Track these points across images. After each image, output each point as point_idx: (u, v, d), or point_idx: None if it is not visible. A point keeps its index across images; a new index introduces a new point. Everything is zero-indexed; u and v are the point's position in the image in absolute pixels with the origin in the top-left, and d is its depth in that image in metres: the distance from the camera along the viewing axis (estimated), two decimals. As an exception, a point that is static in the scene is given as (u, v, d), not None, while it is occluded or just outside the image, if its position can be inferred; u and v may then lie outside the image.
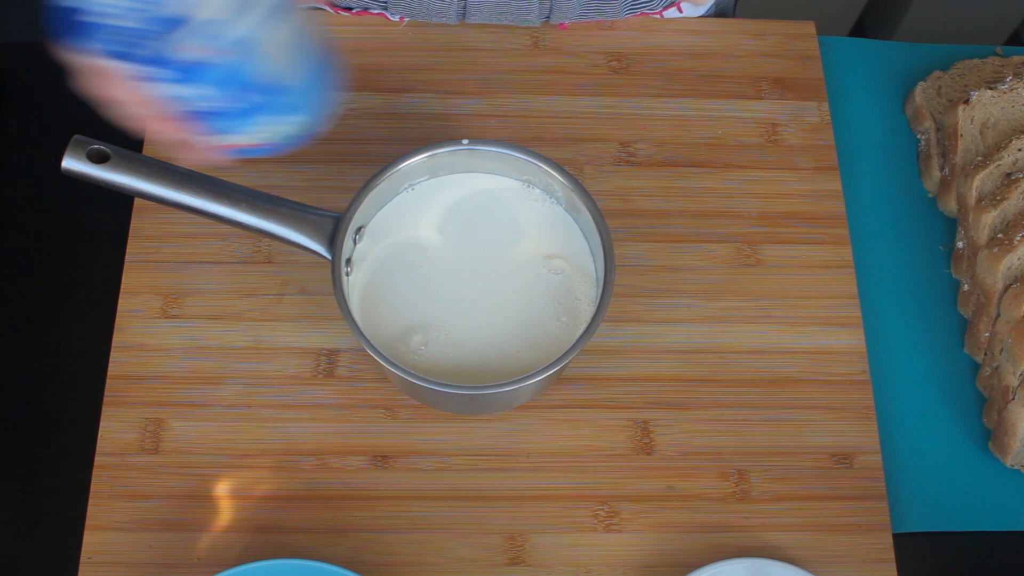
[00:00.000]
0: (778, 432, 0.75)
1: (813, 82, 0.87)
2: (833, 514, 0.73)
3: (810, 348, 0.78)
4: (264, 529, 0.71)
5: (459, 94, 0.84)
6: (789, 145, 0.84)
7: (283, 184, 0.80)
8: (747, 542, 0.72)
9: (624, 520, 0.72)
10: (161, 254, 0.78)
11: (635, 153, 0.83)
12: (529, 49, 0.86)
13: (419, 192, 0.73)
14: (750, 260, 0.80)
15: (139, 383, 0.74)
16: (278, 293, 0.77)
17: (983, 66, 0.88)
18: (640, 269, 0.79)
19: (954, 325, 0.81)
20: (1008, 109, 0.84)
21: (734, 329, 0.78)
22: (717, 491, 0.73)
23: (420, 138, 0.81)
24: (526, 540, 0.72)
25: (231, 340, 0.76)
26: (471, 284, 0.71)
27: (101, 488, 0.71)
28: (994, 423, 0.76)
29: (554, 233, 0.72)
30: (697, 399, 0.76)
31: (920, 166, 0.87)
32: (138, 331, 0.76)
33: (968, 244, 0.81)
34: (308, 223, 0.67)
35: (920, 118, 0.87)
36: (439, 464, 0.73)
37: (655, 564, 0.71)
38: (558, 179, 0.71)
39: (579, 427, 0.75)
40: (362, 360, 0.76)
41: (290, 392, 0.75)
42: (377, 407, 0.75)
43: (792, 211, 0.82)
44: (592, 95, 0.85)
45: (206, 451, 0.73)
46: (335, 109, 0.61)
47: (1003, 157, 0.81)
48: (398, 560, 0.71)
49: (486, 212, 0.73)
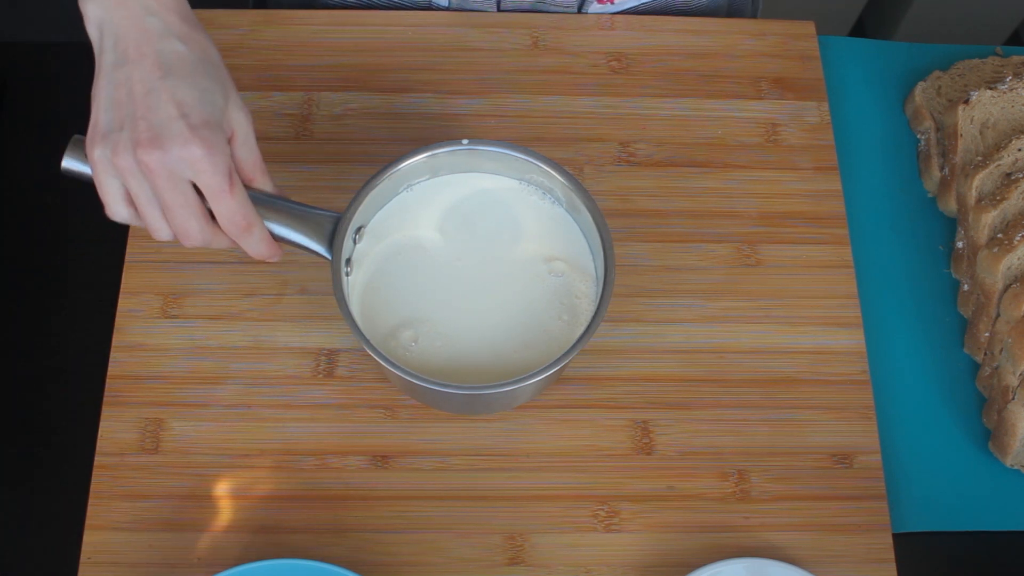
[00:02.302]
0: (778, 432, 0.75)
1: (813, 82, 0.87)
2: (833, 514, 0.73)
3: (810, 348, 0.78)
4: (264, 529, 0.71)
5: (459, 94, 0.84)
6: (789, 145, 0.84)
7: (283, 184, 0.79)
8: (747, 542, 0.72)
9: (624, 520, 0.72)
10: (161, 254, 0.78)
11: (635, 153, 0.83)
12: (529, 49, 0.87)
13: (419, 192, 0.73)
14: (750, 260, 0.80)
15: (139, 383, 0.74)
16: (278, 293, 0.77)
17: (983, 66, 0.88)
18: (640, 269, 0.79)
19: (954, 325, 0.81)
20: (1008, 109, 0.84)
21: (734, 329, 0.78)
22: (717, 491, 0.73)
23: (420, 138, 0.81)
24: (526, 540, 0.72)
25: (231, 340, 0.76)
26: (471, 284, 0.71)
27: (101, 488, 0.72)
28: (994, 423, 0.76)
29: (554, 233, 0.72)
30: (697, 399, 0.76)
31: (920, 166, 0.87)
32: (138, 331, 0.76)
33: (968, 244, 0.81)
34: (308, 223, 0.67)
35: (920, 118, 0.87)
36: (439, 464, 0.73)
37: (655, 564, 0.71)
38: (558, 179, 0.71)
39: (579, 427, 0.75)
40: (362, 360, 0.76)
41: (290, 392, 0.75)
42: (377, 407, 0.75)
43: (792, 211, 0.82)
44: (592, 95, 0.85)
45: (206, 451, 0.73)
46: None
47: (1003, 157, 0.81)
48: (398, 560, 0.71)
49: (486, 212, 0.73)
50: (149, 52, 0.60)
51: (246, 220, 0.62)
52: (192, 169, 0.59)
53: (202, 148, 0.59)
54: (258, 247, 0.64)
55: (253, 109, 0.82)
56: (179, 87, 0.60)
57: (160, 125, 0.59)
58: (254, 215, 0.63)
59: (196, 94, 0.60)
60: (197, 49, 0.62)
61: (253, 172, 0.65)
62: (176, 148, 0.59)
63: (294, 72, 0.85)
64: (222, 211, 0.61)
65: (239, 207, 0.61)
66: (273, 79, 0.84)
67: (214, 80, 0.62)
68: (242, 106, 0.64)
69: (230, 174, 0.61)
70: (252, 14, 0.87)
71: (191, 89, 0.60)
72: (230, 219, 0.61)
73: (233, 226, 0.62)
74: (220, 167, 0.60)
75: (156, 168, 0.59)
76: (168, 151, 0.58)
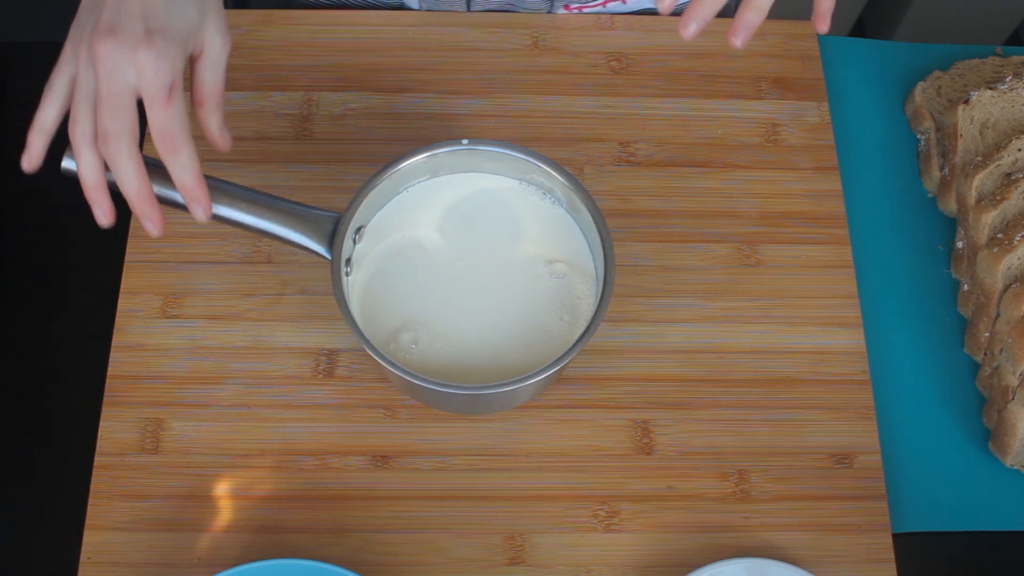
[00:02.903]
0: (778, 432, 0.75)
1: (813, 82, 0.87)
2: (833, 514, 0.73)
3: (810, 348, 0.78)
4: (264, 529, 0.71)
5: (459, 94, 0.84)
6: (789, 145, 0.84)
7: (283, 184, 0.80)
8: (747, 542, 0.72)
9: (624, 520, 0.72)
10: (161, 254, 0.78)
11: (635, 153, 0.83)
12: (529, 49, 0.87)
13: (419, 192, 0.73)
14: (750, 260, 0.80)
15: (139, 383, 0.74)
16: (278, 293, 0.77)
17: (983, 66, 0.88)
18: (640, 269, 0.79)
19: (954, 325, 0.81)
20: (1008, 109, 0.84)
21: (734, 329, 0.78)
22: (717, 491, 0.73)
23: (420, 138, 0.81)
24: (526, 540, 0.72)
25: (231, 340, 0.76)
26: (471, 284, 0.71)
27: (101, 488, 0.72)
28: (994, 423, 0.76)
29: (554, 233, 0.72)
30: (697, 399, 0.76)
31: (920, 166, 0.87)
32: (138, 331, 0.76)
33: (968, 244, 0.81)
34: (308, 223, 0.67)
35: (920, 118, 0.87)
36: (439, 464, 0.73)
37: (655, 564, 0.71)
38: (558, 179, 0.71)
39: (579, 427, 0.75)
40: (362, 360, 0.76)
41: (290, 392, 0.75)
42: (377, 407, 0.75)
43: (792, 211, 0.82)
44: (592, 95, 0.85)
45: (206, 451, 0.73)
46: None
47: (1003, 157, 0.81)
48: (398, 560, 0.71)
49: (486, 212, 0.73)
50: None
51: (174, 138, 0.60)
52: (136, 71, 0.58)
53: (148, 51, 0.58)
54: (182, 175, 0.61)
55: (253, 109, 0.83)
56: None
57: (119, 20, 0.58)
58: (186, 137, 0.60)
59: (166, 2, 0.60)
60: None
61: (207, 98, 0.63)
62: (126, 44, 0.58)
63: (294, 72, 0.85)
64: (154, 121, 0.60)
65: (173, 121, 0.60)
66: (273, 79, 0.84)
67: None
68: (222, 30, 0.63)
69: (172, 86, 0.59)
70: (252, 14, 0.87)
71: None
72: (160, 132, 0.60)
73: (161, 141, 0.60)
74: (162, 75, 0.59)
75: (103, 57, 0.58)
76: (118, 44, 0.58)
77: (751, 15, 0.62)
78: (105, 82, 0.59)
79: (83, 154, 0.61)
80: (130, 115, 0.59)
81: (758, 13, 0.62)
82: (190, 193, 0.63)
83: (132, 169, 0.60)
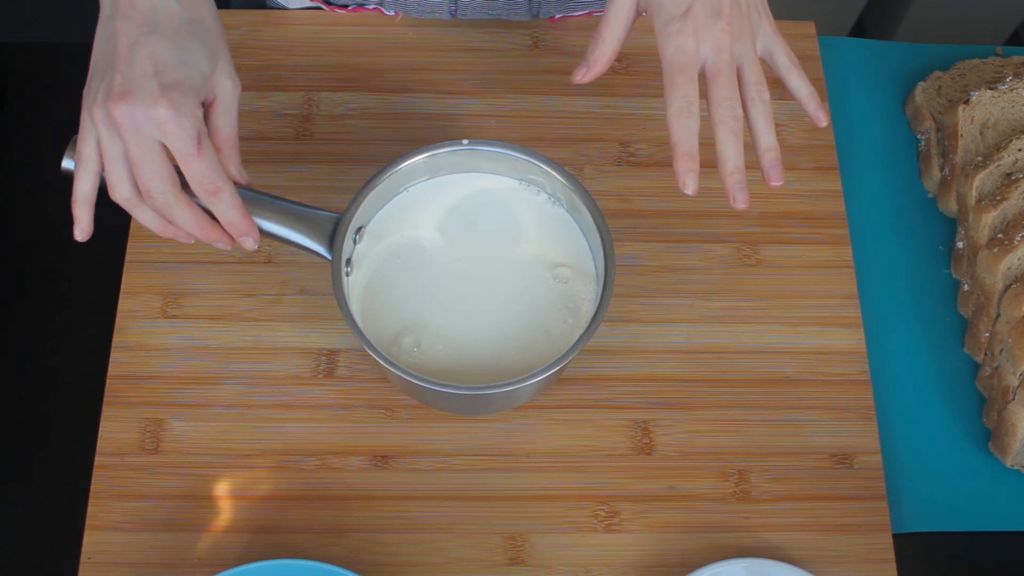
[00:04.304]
0: (778, 432, 0.75)
1: (813, 82, 0.86)
2: (833, 514, 0.73)
3: (810, 348, 0.78)
4: (264, 529, 0.71)
5: (458, 94, 0.84)
6: (789, 145, 0.84)
7: (283, 184, 0.80)
8: (747, 542, 0.72)
9: (624, 520, 0.72)
10: (161, 254, 0.78)
11: (635, 153, 0.83)
12: (528, 49, 0.87)
13: (419, 192, 0.73)
14: (750, 260, 0.80)
15: (139, 383, 0.74)
16: (278, 293, 0.77)
17: (983, 66, 0.88)
18: (640, 269, 0.79)
19: (954, 325, 0.81)
20: (1008, 109, 0.84)
21: (734, 329, 0.78)
22: (717, 491, 0.73)
23: (420, 138, 0.81)
24: (526, 540, 0.72)
25: (231, 340, 0.76)
26: (471, 284, 0.71)
27: (101, 488, 0.72)
28: (994, 423, 0.76)
29: (554, 234, 0.72)
30: (697, 399, 0.76)
31: (920, 166, 0.87)
32: (138, 331, 0.76)
33: (968, 244, 0.81)
34: (308, 223, 0.67)
35: (920, 118, 0.87)
36: (439, 464, 0.73)
37: (655, 564, 0.71)
38: (558, 179, 0.71)
39: (579, 427, 0.75)
40: (362, 360, 0.76)
41: (290, 392, 0.75)
42: (377, 407, 0.75)
43: (792, 211, 0.82)
44: (592, 95, 0.85)
45: (206, 451, 0.73)
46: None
47: (1003, 157, 0.81)
48: (398, 560, 0.71)
49: (486, 212, 0.73)
50: (141, 7, 0.60)
51: (214, 184, 0.61)
52: (159, 129, 0.59)
53: (168, 109, 0.59)
54: (228, 214, 0.63)
55: (253, 109, 0.83)
56: (160, 45, 0.59)
57: (132, 81, 0.59)
58: (223, 180, 0.62)
59: (176, 54, 0.60)
60: (191, 9, 0.61)
61: (223, 143, 0.64)
62: (143, 106, 0.58)
63: (294, 72, 0.85)
64: (190, 173, 0.61)
65: (207, 170, 0.61)
66: (273, 79, 0.84)
67: (202, 43, 0.61)
68: (232, 75, 0.63)
69: (198, 137, 0.60)
70: (252, 14, 0.87)
71: (172, 48, 0.60)
72: (198, 182, 0.61)
73: (201, 189, 0.61)
74: (187, 129, 0.59)
75: (123, 122, 0.59)
76: (135, 107, 0.58)
77: (769, 155, 0.68)
78: (133, 144, 0.59)
79: (134, 212, 0.62)
80: (165, 167, 0.60)
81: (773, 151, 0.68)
82: (237, 228, 0.64)
83: (187, 213, 0.62)
